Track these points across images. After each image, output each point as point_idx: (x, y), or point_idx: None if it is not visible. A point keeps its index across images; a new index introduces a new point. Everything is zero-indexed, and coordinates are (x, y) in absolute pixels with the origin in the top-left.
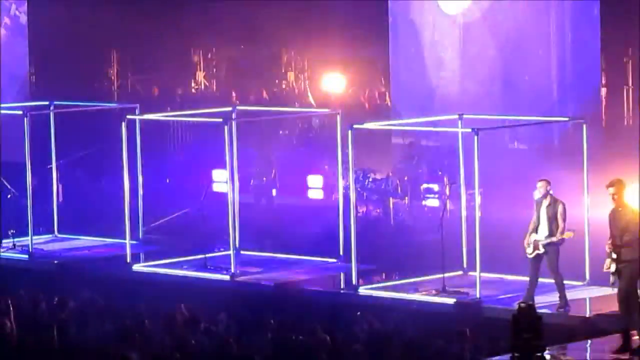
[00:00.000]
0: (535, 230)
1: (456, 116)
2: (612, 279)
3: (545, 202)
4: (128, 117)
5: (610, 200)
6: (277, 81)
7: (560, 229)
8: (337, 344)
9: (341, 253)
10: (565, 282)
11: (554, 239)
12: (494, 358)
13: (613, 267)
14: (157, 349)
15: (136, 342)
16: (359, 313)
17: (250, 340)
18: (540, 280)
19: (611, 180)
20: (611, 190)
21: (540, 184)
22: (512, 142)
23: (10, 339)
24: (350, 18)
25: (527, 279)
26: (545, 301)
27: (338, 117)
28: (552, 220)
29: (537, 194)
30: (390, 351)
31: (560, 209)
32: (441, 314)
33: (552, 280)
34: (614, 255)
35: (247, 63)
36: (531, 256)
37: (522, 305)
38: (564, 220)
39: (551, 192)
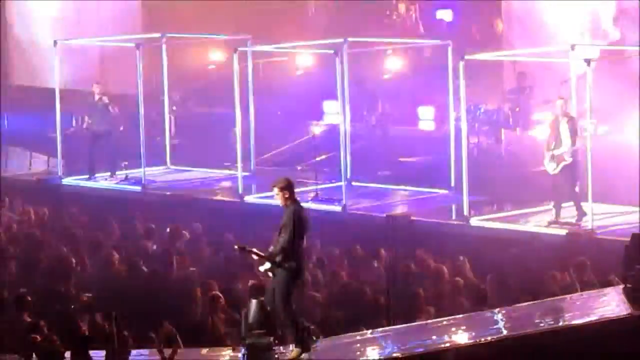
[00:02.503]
0: (555, 147)
1: (568, 46)
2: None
3: (564, 119)
4: (239, 48)
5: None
6: (388, 12)
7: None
8: (451, 274)
9: (452, 184)
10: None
11: (577, 145)
12: (605, 289)
13: (267, 265)
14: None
15: (246, 272)
16: None
17: (362, 270)
18: None
19: (277, 180)
20: (276, 190)
21: (558, 102)
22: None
23: (119, 268)
24: None
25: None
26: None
27: (449, 48)
28: (573, 134)
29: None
30: (502, 282)
31: (577, 124)
32: (553, 244)
33: None
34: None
35: None
36: (556, 171)
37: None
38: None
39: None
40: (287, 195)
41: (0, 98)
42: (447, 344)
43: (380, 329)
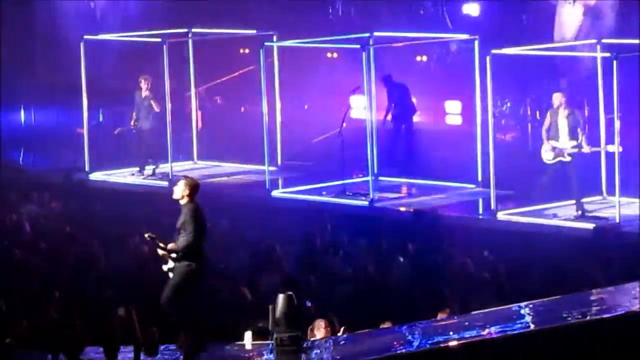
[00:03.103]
0: (554, 138)
1: (594, 41)
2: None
3: (564, 112)
4: (266, 43)
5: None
6: (414, 6)
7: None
8: (477, 269)
9: (479, 179)
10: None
11: (585, 150)
12: (633, 283)
13: (171, 264)
14: (292, 274)
15: (272, 267)
16: None
17: (388, 265)
18: None
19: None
20: (182, 183)
21: (556, 95)
22: None
23: (145, 264)
24: None
25: None
26: None
27: (476, 43)
28: (574, 129)
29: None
30: (529, 276)
31: (581, 119)
32: (579, 239)
33: None
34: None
35: None
36: (551, 162)
37: None
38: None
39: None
40: (187, 193)
41: (28, 94)
42: (475, 338)
43: (407, 324)
